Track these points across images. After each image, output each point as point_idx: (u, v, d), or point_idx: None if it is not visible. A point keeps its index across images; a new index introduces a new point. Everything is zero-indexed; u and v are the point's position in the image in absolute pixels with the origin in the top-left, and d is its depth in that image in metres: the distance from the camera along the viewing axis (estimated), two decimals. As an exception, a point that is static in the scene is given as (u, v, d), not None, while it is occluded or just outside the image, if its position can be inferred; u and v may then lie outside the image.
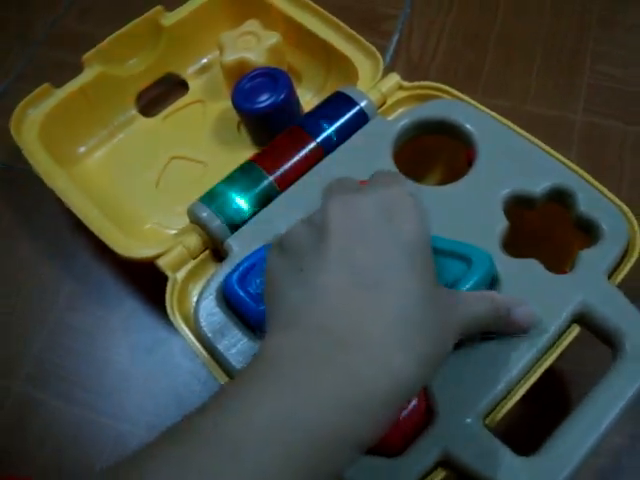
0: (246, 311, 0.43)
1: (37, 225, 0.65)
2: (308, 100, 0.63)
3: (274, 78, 0.57)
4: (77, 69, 0.62)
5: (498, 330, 0.40)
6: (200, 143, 0.63)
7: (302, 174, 0.49)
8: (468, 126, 0.50)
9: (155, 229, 0.59)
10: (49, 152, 0.57)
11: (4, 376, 0.57)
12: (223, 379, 0.43)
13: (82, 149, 0.63)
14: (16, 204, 0.67)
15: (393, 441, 0.39)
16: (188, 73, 0.68)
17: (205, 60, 0.68)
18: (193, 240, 0.49)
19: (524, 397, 0.40)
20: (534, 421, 0.48)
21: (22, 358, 0.57)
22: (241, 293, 0.44)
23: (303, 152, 0.50)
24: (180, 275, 0.48)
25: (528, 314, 0.40)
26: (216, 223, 0.48)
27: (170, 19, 0.64)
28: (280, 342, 0.32)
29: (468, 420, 0.39)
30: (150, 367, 0.56)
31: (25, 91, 0.60)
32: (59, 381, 0.56)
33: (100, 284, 0.61)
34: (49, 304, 0.60)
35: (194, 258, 0.49)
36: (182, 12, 0.65)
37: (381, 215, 0.34)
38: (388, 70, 0.55)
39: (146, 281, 0.57)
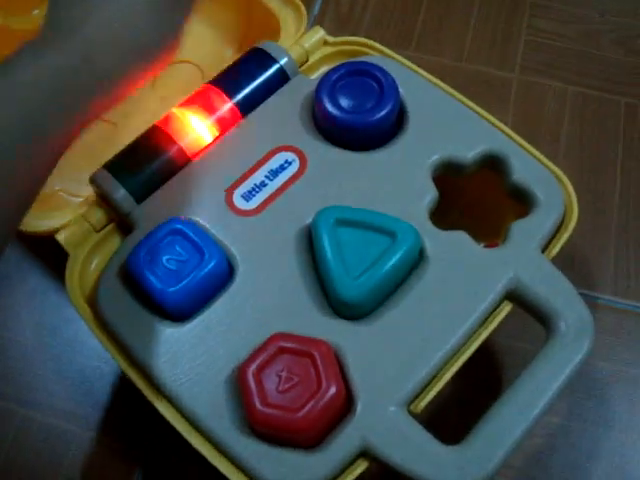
0: (151, 291, 0.40)
1: None
2: (229, 57, 0.58)
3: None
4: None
5: None
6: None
7: (216, 138, 0.45)
8: (395, 86, 0.46)
9: (60, 197, 0.54)
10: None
11: None
12: (126, 365, 0.39)
13: (-20, 109, 0.58)
14: None
15: (309, 430, 0.36)
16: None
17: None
18: (96, 212, 0.44)
19: (453, 378, 0.38)
20: (464, 403, 0.46)
21: None
22: (146, 272, 0.40)
23: (217, 114, 0.45)
24: (82, 251, 0.44)
25: None
26: (120, 193, 0.43)
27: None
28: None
29: (391, 408, 0.37)
30: (57, 349, 0.52)
31: None
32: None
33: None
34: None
35: (98, 232, 0.44)
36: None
37: None
38: (316, 23, 0.51)
39: (52, 255, 0.52)
